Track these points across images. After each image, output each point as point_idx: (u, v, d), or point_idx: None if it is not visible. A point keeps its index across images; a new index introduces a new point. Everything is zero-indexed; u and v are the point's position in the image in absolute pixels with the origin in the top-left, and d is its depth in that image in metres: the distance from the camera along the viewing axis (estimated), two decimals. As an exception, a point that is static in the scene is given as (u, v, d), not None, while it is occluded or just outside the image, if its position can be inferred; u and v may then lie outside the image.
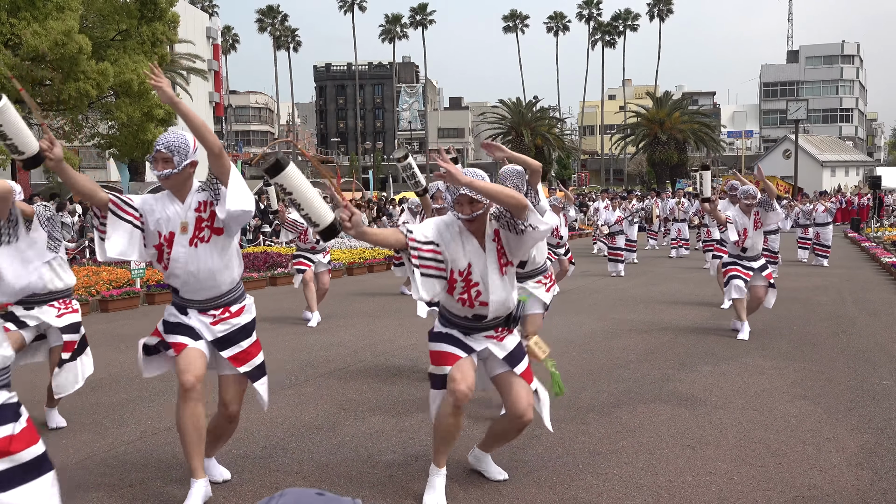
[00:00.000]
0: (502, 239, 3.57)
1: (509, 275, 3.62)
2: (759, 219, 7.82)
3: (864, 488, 3.76)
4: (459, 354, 3.60)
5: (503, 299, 3.58)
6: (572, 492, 3.74)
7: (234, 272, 3.73)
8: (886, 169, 48.42)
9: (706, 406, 5.23)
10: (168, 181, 3.61)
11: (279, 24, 67.61)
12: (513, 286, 3.65)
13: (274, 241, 21.06)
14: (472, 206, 3.43)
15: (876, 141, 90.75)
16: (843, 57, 71.17)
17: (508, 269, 3.60)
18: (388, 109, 75.39)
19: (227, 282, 3.71)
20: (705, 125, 54.92)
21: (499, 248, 3.56)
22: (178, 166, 3.56)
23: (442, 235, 3.52)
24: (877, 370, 6.29)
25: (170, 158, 3.56)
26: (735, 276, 7.80)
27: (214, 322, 3.67)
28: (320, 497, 1.26)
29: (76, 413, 5.21)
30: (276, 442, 4.53)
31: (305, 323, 8.96)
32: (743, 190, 7.95)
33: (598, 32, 69.48)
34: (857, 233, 25.63)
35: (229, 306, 3.73)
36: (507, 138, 57.66)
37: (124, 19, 19.92)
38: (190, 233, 3.62)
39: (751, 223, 7.82)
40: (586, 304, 10.49)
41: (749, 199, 7.78)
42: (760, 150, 64.99)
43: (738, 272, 7.82)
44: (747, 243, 7.82)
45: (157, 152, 3.56)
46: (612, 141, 60.95)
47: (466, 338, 3.65)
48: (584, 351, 7.20)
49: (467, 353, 3.62)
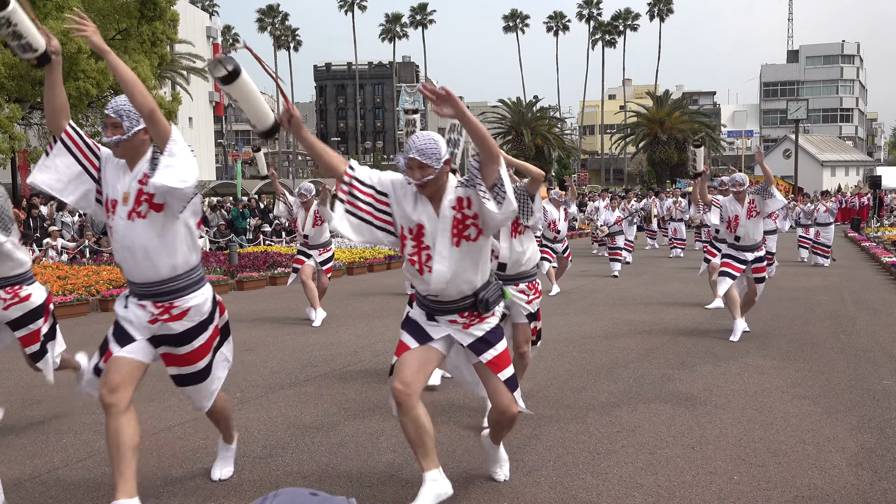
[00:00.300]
0: (469, 208, 3.30)
1: (468, 251, 3.33)
2: (753, 206, 7.58)
3: (864, 488, 3.76)
4: (409, 345, 3.43)
5: (453, 273, 3.31)
6: (572, 491, 3.74)
7: (176, 258, 3.35)
8: (886, 169, 48.47)
9: (706, 406, 5.23)
10: (118, 148, 3.32)
11: (279, 23, 67.62)
12: (476, 267, 3.36)
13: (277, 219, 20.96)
14: (422, 171, 3.24)
15: (876, 141, 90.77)
16: (844, 57, 71.18)
17: (467, 245, 3.32)
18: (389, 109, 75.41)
19: (167, 267, 3.34)
20: (705, 125, 54.95)
21: (457, 217, 3.31)
22: (128, 132, 3.27)
23: (395, 190, 3.37)
24: (877, 370, 6.29)
25: (119, 123, 3.26)
26: (727, 273, 7.64)
27: (152, 321, 3.38)
28: (314, 497, 1.26)
29: (75, 411, 5.21)
30: (276, 441, 4.53)
31: (310, 323, 8.87)
32: (731, 178, 7.80)
33: (598, 32, 69.48)
34: (857, 232, 25.64)
35: (172, 300, 3.37)
36: (508, 138, 57.68)
37: (124, 19, 19.91)
38: (130, 205, 3.31)
39: (744, 210, 7.59)
40: (586, 304, 10.49)
41: (737, 187, 7.60)
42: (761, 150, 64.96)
43: (731, 267, 7.64)
44: (740, 231, 7.62)
45: (107, 117, 3.27)
46: (612, 141, 60.98)
47: (429, 323, 3.46)
48: (584, 351, 7.20)
49: (421, 342, 3.43)
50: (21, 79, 17.97)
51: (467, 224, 3.33)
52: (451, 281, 3.34)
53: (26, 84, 18.23)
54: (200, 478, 3.92)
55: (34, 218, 16.90)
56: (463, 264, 3.34)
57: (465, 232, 3.33)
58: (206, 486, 3.83)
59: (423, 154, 3.24)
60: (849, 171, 54.52)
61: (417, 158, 3.25)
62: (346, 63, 75.03)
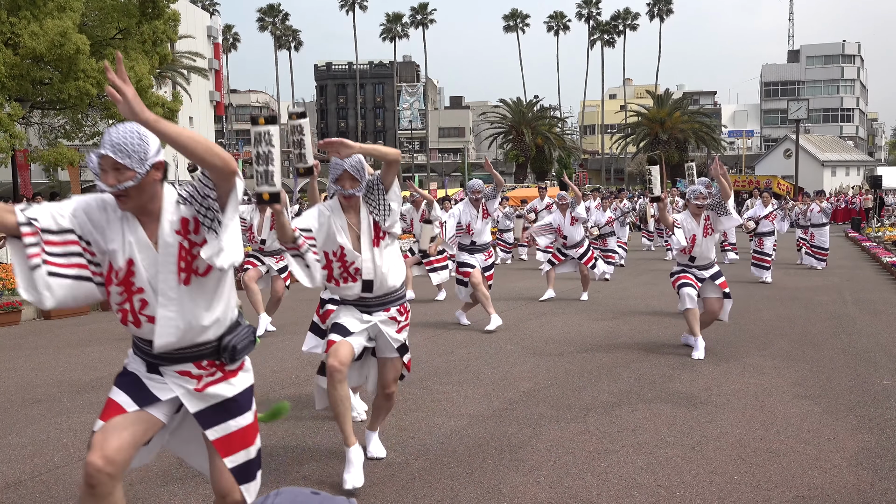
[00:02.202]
0: (196, 233, 2.57)
1: (200, 289, 2.60)
2: (709, 224, 6.79)
3: (864, 488, 3.76)
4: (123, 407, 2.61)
5: (186, 322, 2.56)
6: (572, 491, 3.74)
7: None
8: (887, 168, 48.41)
9: (706, 405, 5.23)
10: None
11: (280, 23, 67.60)
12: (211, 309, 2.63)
13: None
14: (118, 175, 2.41)
15: (877, 140, 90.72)
16: (844, 56, 71.17)
17: (198, 281, 2.59)
18: (389, 108, 75.38)
19: None
20: (706, 125, 54.99)
21: (183, 244, 2.53)
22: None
23: (89, 216, 2.51)
24: (877, 370, 6.29)
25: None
26: (686, 284, 6.86)
27: None
28: (315, 496, 1.26)
29: (76, 411, 5.21)
30: (276, 441, 4.53)
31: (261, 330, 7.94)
32: (692, 190, 6.98)
33: (597, 32, 69.42)
34: (857, 232, 25.65)
35: None
36: (509, 137, 57.69)
37: (123, 18, 19.91)
38: None
39: (700, 229, 6.80)
40: (586, 304, 10.48)
41: (699, 200, 6.82)
42: (761, 150, 65.00)
43: (689, 280, 6.88)
44: (696, 251, 6.82)
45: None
46: (612, 140, 60.98)
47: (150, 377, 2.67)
48: (584, 351, 7.20)
49: (141, 404, 2.61)
50: (21, 78, 17.98)
51: (195, 254, 2.55)
52: (185, 332, 2.57)
53: (27, 83, 18.25)
54: (200, 477, 3.92)
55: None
56: (196, 309, 2.58)
57: (195, 264, 2.56)
58: (207, 485, 3.83)
59: (119, 150, 2.41)
60: (849, 171, 54.50)
61: (111, 156, 2.41)
62: (347, 62, 75.00)
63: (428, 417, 4.99)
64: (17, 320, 9.53)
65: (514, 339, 7.79)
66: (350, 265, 3.78)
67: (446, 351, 7.20)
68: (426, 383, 5.91)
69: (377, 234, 3.79)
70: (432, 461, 4.16)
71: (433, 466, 4.08)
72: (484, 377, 6.12)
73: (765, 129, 71.23)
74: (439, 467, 4.06)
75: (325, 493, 1.28)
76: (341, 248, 3.75)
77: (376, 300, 3.86)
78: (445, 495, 3.69)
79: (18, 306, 9.52)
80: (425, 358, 6.86)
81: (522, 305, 10.26)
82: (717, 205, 6.72)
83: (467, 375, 6.18)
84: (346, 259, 3.76)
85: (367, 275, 3.78)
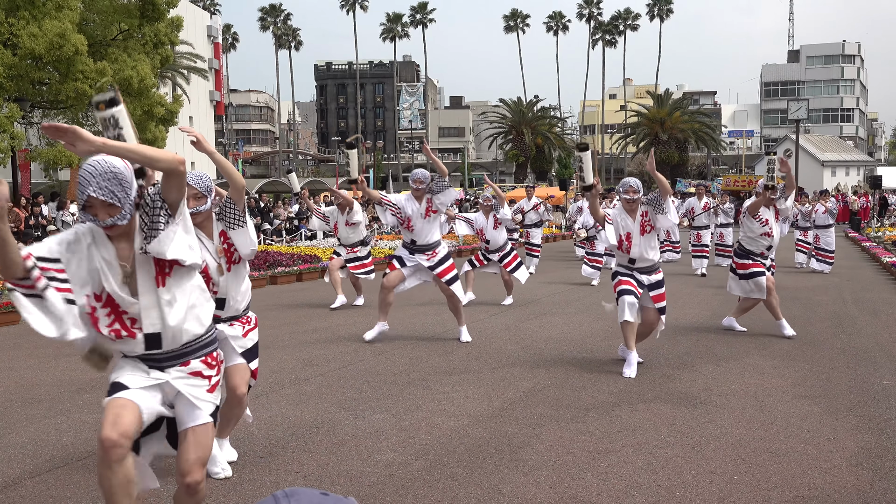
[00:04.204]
0: None
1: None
2: (647, 220, 6.22)
3: (864, 488, 3.76)
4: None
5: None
6: (572, 491, 3.74)
7: None
8: (887, 168, 48.47)
9: (706, 405, 5.23)
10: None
11: (281, 22, 67.61)
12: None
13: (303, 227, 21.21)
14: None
15: (877, 141, 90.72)
16: (844, 56, 71.19)
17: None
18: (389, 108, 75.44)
19: None
20: (706, 125, 55.01)
21: None
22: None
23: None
24: (877, 370, 6.29)
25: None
26: (626, 292, 6.21)
27: None
28: (325, 497, 1.27)
29: (76, 411, 5.21)
30: (277, 441, 4.54)
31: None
32: (622, 182, 6.38)
33: (598, 32, 69.42)
34: (857, 233, 25.64)
35: None
36: (508, 137, 57.71)
37: (124, 19, 19.90)
38: None
39: (636, 227, 6.21)
40: (586, 304, 10.49)
41: (628, 194, 6.23)
42: (761, 150, 64.99)
43: (630, 286, 6.24)
44: (634, 251, 6.24)
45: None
46: (612, 140, 60.98)
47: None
48: (584, 351, 7.20)
49: None
50: (20, 79, 17.97)
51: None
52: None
53: (25, 84, 18.24)
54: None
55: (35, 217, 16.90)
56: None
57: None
58: (207, 485, 3.82)
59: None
60: (849, 171, 54.52)
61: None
62: (347, 62, 75.07)
63: (428, 417, 4.99)
64: (17, 320, 9.52)
65: (514, 339, 7.79)
66: (122, 314, 2.73)
67: (446, 351, 7.21)
68: (426, 383, 5.91)
69: (160, 269, 2.74)
70: (432, 461, 4.16)
71: (433, 466, 4.08)
72: (484, 377, 6.12)
73: (765, 129, 71.24)
74: (439, 467, 4.06)
75: (334, 495, 1.29)
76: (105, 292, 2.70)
77: (167, 355, 2.82)
78: (445, 495, 3.69)
79: (18, 306, 9.51)
80: (425, 358, 6.86)
81: (522, 306, 10.26)
82: (654, 200, 6.19)
83: (467, 375, 6.18)
84: (117, 305, 2.71)
85: (151, 327, 2.74)
